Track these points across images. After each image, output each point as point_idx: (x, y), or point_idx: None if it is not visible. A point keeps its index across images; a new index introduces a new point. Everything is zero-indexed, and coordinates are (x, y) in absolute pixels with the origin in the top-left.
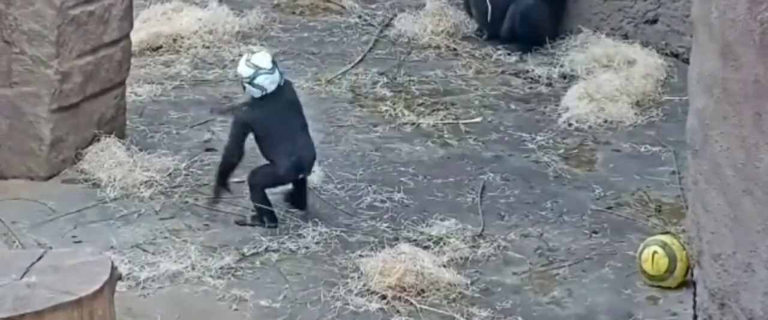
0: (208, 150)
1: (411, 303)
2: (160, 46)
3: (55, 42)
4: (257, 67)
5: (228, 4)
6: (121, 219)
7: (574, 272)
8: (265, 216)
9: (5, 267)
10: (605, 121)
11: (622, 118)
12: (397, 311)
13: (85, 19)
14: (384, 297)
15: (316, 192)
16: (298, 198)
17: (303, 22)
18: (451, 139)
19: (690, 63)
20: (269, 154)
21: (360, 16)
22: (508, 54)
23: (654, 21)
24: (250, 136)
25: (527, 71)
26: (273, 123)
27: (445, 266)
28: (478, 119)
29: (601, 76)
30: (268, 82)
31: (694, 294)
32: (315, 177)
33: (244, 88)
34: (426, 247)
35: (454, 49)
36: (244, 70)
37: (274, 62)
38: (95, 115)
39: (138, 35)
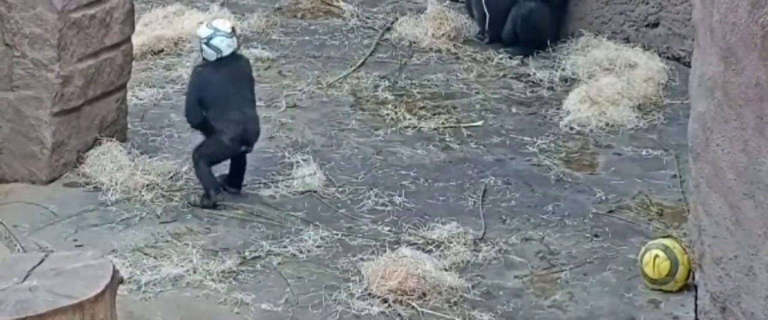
0: None
1: (412, 307)
2: (162, 50)
3: (56, 45)
4: (216, 28)
5: (229, 7)
6: (122, 222)
7: (576, 275)
8: (211, 190)
9: (7, 270)
10: (607, 125)
11: (623, 122)
12: (399, 315)
13: (86, 22)
14: (385, 301)
15: (318, 196)
16: (235, 178)
17: (304, 26)
18: (453, 142)
19: (691, 66)
20: (216, 122)
21: (360, 19)
22: (510, 57)
23: (655, 24)
24: None
25: (529, 74)
26: (223, 89)
27: (446, 269)
28: (479, 123)
29: (603, 80)
30: (225, 45)
31: (696, 297)
32: (316, 179)
33: (202, 49)
34: (427, 251)
35: (456, 53)
36: (203, 30)
37: (233, 30)
38: (96, 119)
39: (139, 39)
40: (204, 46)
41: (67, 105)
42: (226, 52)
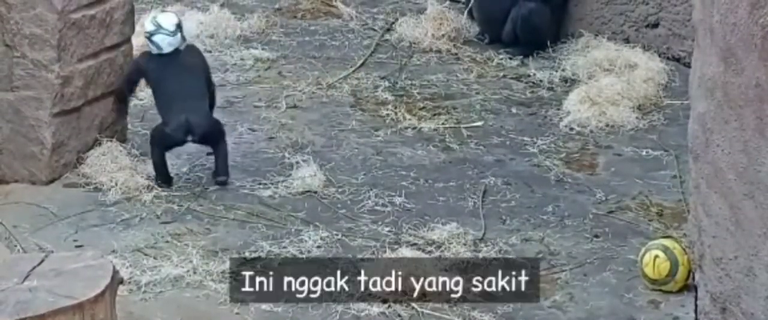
0: (209, 154)
1: (412, 307)
2: None
3: (56, 46)
4: (159, 25)
5: (229, 8)
6: (122, 223)
7: (576, 276)
8: (158, 179)
9: (7, 271)
10: (607, 125)
11: (623, 122)
12: (399, 315)
13: (86, 23)
14: (385, 301)
15: (318, 196)
16: (217, 166)
17: (304, 26)
18: (453, 142)
19: (691, 67)
20: (161, 111)
21: (360, 19)
22: (510, 58)
23: (655, 25)
24: None
25: (529, 75)
26: (166, 80)
27: (446, 270)
28: (479, 123)
29: (603, 80)
30: (165, 43)
31: (696, 298)
32: (316, 180)
33: (147, 41)
34: (427, 251)
35: (456, 53)
36: (148, 25)
37: (178, 26)
38: (96, 119)
39: (139, 39)
40: (147, 40)
41: (67, 105)
42: (166, 49)
